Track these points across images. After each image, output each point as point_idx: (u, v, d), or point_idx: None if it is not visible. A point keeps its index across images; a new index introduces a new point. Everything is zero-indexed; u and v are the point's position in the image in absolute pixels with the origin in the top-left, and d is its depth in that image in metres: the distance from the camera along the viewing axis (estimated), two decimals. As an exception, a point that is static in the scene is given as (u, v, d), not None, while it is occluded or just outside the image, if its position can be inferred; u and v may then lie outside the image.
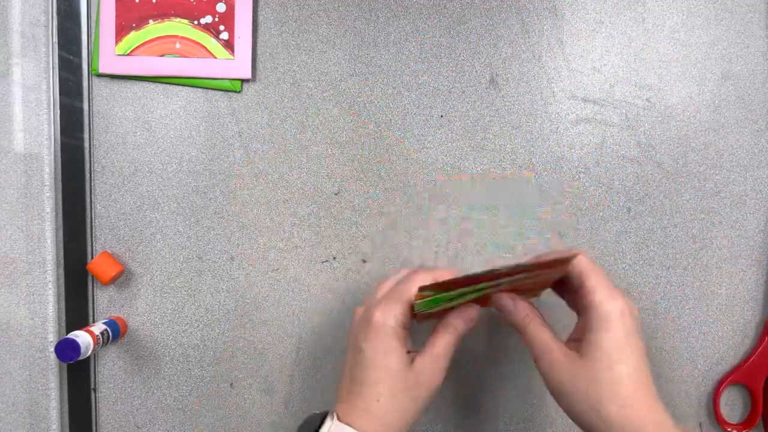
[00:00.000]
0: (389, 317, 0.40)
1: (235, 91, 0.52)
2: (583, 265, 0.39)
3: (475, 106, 0.52)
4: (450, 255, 0.53)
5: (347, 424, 0.39)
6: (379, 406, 0.39)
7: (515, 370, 0.54)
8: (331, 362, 0.54)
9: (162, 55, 0.51)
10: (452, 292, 0.40)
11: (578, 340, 0.39)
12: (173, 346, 0.54)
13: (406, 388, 0.40)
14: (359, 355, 0.40)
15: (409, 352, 0.41)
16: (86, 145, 0.53)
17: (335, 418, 0.39)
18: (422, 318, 0.43)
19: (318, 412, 0.42)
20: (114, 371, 0.54)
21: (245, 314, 0.54)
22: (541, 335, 0.40)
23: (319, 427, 0.39)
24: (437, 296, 0.41)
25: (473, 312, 0.43)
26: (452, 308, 0.43)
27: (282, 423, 0.55)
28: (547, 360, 0.39)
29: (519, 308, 0.41)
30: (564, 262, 0.39)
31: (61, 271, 0.54)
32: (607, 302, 0.37)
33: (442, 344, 0.41)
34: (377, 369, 0.40)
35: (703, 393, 0.54)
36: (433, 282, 0.40)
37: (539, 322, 0.41)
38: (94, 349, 0.48)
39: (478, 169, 0.53)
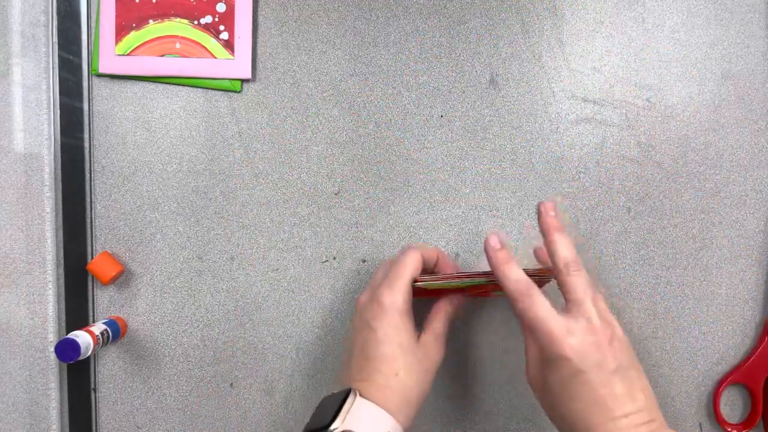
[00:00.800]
0: (397, 297, 0.43)
1: (235, 91, 0.52)
2: (576, 288, 0.41)
3: (475, 106, 0.52)
4: (449, 255, 0.53)
5: (369, 399, 0.40)
6: (398, 381, 0.41)
7: (516, 371, 0.54)
8: (331, 362, 0.54)
9: (162, 55, 0.51)
10: (446, 282, 0.46)
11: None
12: (173, 346, 0.54)
13: (418, 362, 0.43)
14: (372, 334, 0.43)
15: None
16: (86, 145, 0.53)
17: (357, 395, 0.40)
18: (418, 295, 0.46)
19: (335, 392, 0.42)
20: (114, 371, 0.54)
21: (245, 314, 0.54)
22: (530, 347, 0.42)
23: (341, 405, 0.39)
24: (434, 283, 0.45)
25: (461, 298, 0.48)
26: (448, 290, 0.47)
27: (282, 423, 0.55)
28: (526, 372, 0.43)
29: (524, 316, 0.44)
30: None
31: (61, 271, 0.54)
32: (553, 345, 0.38)
33: (440, 324, 0.46)
34: (392, 345, 0.42)
35: (703, 393, 0.54)
36: (427, 275, 0.45)
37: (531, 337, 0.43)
38: (94, 349, 0.48)
39: (478, 169, 0.53)
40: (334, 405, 0.40)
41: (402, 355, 0.42)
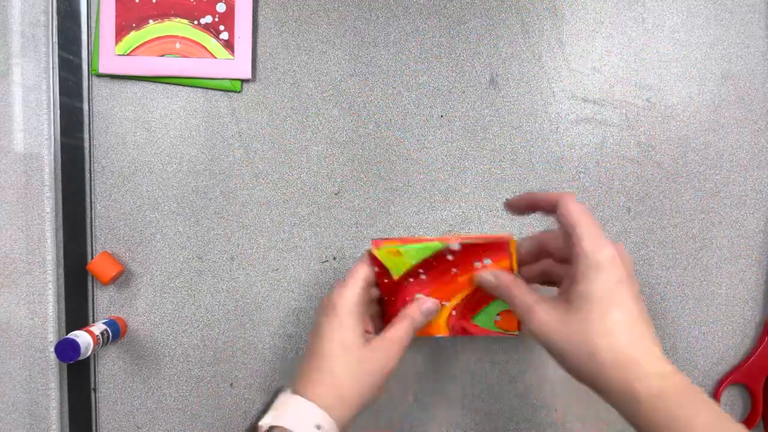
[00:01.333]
0: (347, 296, 0.42)
1: (235, 91, 0.52)
2: (572, 212, 0.38)
3: (475, 106, 0.52)
4: (450, 255, 0.53)
5: (301, 395, 0.40)
6: (334, 377, 0.41)
7: (515, 371, 0.54)
8: (331, 362, 0.54)
9: (162, 55, 0.51)
10: (407, 246, 0.43)
11: (568, 293, 0.38)
12: (173, 346, 0.54)
13: (359, 362, 0.42)
14: (317, 330, 0.43)
15: (367, 332, 0.44)
16: (86, 145, 0.53)
17: (288, 391, 0.40)
18: (387, 291, 0.45)
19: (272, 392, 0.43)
20: (114, 371, 0.54)
21: (245, 314, 0.54)
22: (525, 298, 0.39)
23: (271, 403, 0.40)
24: (393, 246, 0.43)
25: (432, 305, 0.45)
26: (411, 287, 0.45)
27: (282, 423, 0.55)
28: (535, 320, 0.38)
29: (501, 279, 0.42)
30: (497, 245, 0.41)
31: (61, 271, 0.54)
32: (596, 250, 0.36)
33: (397, 330, 0.43)
34: (332, 342, 0.41)
35: (703, 393, 0.54)
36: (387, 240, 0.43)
37: (523, 287, 0.40)
38: (94, 349, 0.48)
39: (478, 169, 0.53)
40: (266, 403, 0.40)
41: (342, 354, 0.41)
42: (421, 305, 0.45)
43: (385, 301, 0.46)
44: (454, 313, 0.46)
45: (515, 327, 0.45)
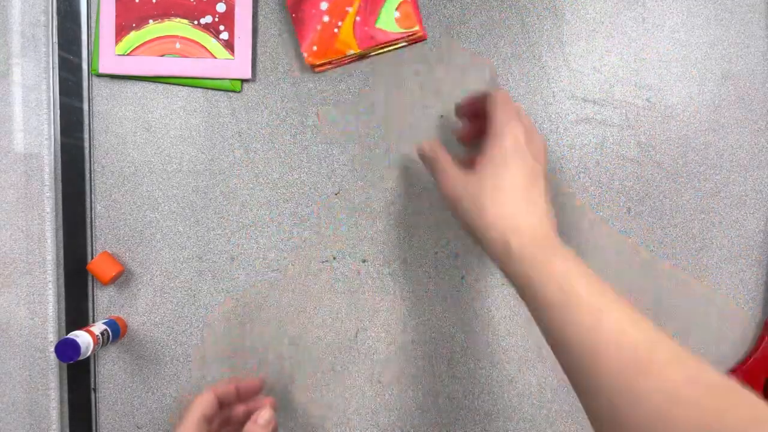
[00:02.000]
0: None
1: (235, 91, 0.52)
2: (495, 96, 0.43)
3: (475, 106, 0.52)
4: (450, 255, 0.53)
5: None
6: None
7: (515, 371, 0.54)
8: (331, 363, 0.54)
9: (162, 55, 0.51)
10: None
11: (477, 159, 0.42)
12: (173, 346, 0.54)
13: None
14: None
15: None
16: (86, 145, 0.53)
17: None
18: (294, 5, 0.49)
19: None
20: (114, 371, 0.54)
21: (245, 314, 0.54)
22: (444, 162, 0.43)
23: None
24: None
25: (266, 412, 0.46)
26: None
27: (282, 423, 0.55)
28: (445, 177, 0.42)
29: (432, 146, 0.45)
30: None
31: (61, 271, 0.54)
32: (504, 122, 0.41)
33: None
34: None
35: (703, 393, 0.54)
36: None
37: (446, 155, 0.44)
38: (94, 349, 0.48)
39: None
40: None
41: None
42: (256, 419, 0.45)
43: (293, 21, 0.49)
44: (358, 18, 0.49)
45: (414, 23, 0.48)
